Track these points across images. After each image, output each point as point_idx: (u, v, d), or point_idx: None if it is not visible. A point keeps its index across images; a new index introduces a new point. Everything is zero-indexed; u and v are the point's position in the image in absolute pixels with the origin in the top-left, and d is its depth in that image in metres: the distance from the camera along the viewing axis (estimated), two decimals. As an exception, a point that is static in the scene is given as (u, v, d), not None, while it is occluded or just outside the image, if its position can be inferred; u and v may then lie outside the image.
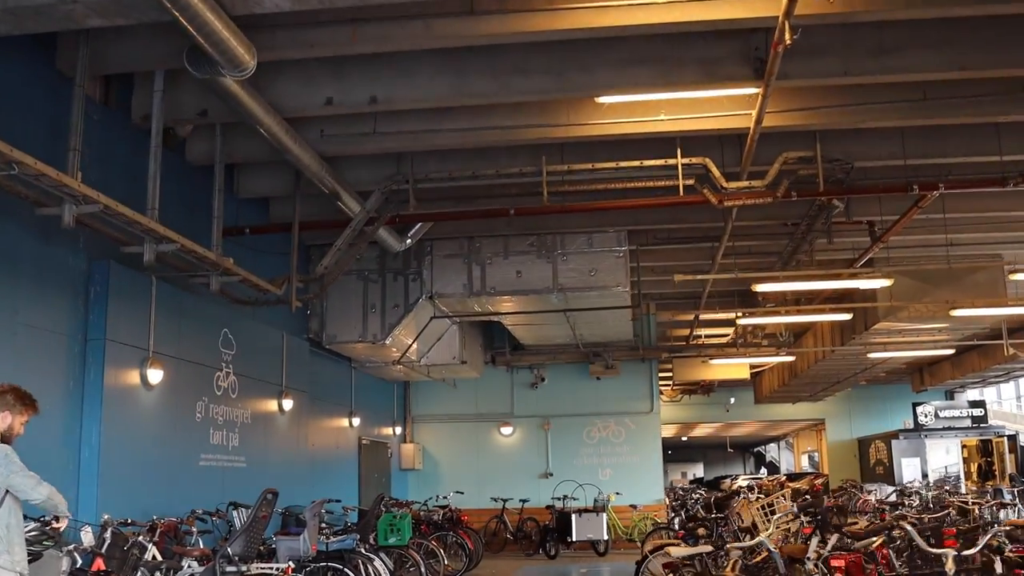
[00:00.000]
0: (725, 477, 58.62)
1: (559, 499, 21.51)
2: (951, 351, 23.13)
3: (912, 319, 18.43)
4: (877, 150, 12.71)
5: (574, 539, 19.88)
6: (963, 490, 33.21)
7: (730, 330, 25.09)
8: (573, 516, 19.85)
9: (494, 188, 13.17)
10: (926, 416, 38.83)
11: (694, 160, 12.07)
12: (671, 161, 12.10)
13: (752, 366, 23.72)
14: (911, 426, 39.01)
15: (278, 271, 13.37)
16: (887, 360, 24.01)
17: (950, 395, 42.49)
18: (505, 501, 22.06)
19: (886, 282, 13.38)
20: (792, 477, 54.56)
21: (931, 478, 37.24)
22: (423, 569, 13.05)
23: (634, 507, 21.57)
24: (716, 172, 12.05)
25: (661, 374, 24.56)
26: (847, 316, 16.99)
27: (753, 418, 46.35)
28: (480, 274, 16.36)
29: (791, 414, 45.38)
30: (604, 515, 20.10)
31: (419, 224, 15.42)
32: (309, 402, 16.30)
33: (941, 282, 17.99)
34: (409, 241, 15.60)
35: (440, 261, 16.56)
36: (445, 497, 21.66)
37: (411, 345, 17.36)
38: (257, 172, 13.76)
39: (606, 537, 20.16)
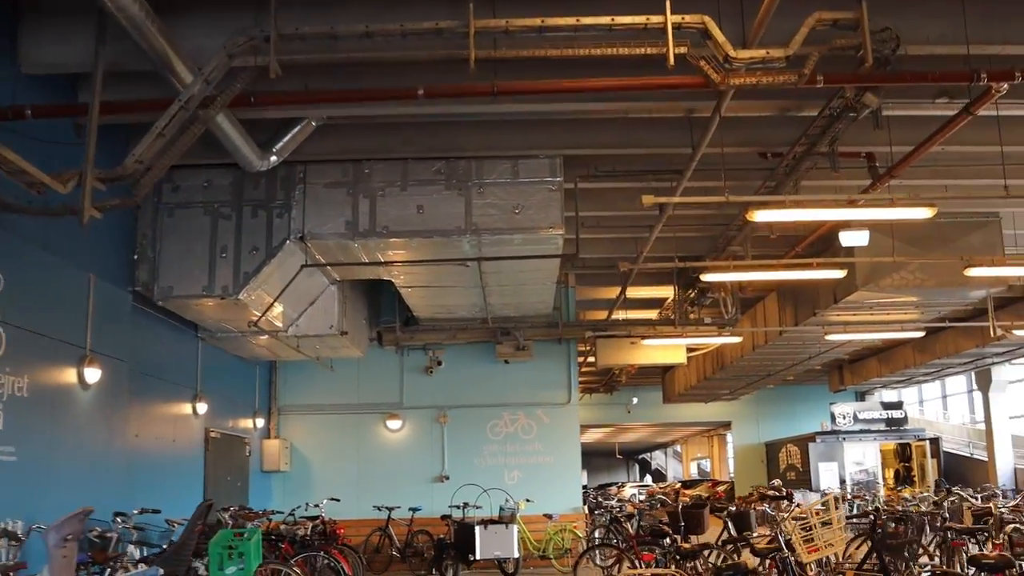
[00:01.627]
0: (611, 484, 55.70)
1: (458, 508, 17.56)
2: (920, 333, 20.10)
3: (898, 288, 15.15)
4: (925, 29, 9.22)
5: (477, 557, 15.91)
6: (881, 496, 30.60)
7: (654, 313, 21.59)
8: (477, 529, 15.89)
9: (396, 60, 9.15)
10: (844, 418, 36.24)
11: (688, 19, 8.32)
12: (655, 19, 8.31)
13: (690, 348, 20.25)
14: (828, 428, 36.41)
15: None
16: (844, 344, 20.86)
17: (861, 396, 40.07)
18: (391, 510, 17.98)
19: (927, 212, 9.86)
20: (687, 484, 51.83)
21: (848, 484, 34.68)
22: (279, 610, 8.93)
23: (549, 517, 17.77)
24: (719, 36, 8.32)
25: (580, 360, 20.86)
26: (839, 273, 13.51)
27: (655, 419, 43.25)
28: (369, 209, 12.32)
29: (697, 416, 42.45)
30: (514, 527, 16.21)
31: (289, 135, 11.35)
32: (131, 377, 11.98)
33: (929, 244, 14.82)
34: (274, 159, 11.46)
35: (316, 191, 12.46)
36: (317, 506, 17.48)
37: (272, 304, 13.13)
38: (51, 34, 9.41)
39: (516, 555, 16.28)
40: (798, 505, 30.79)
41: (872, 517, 10.24)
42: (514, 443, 19.00)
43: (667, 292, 20.60)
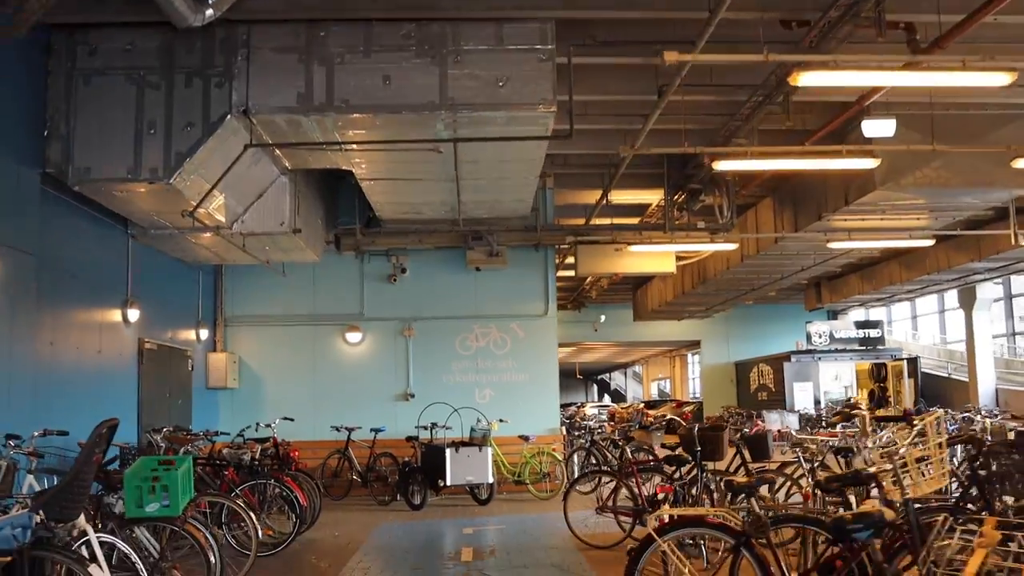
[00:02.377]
0: (570, 404, 54.63)
1: (425, 429, 15.95)
2: (929, 242, 18.55)
3: (919, 187, 13.55)
4: None
5: (447, 482, 14.38)
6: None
7: (636, 221, 19.88)
8: (447, 452, 14.33)
9: None
10: (820, 337, 35.11)
11: None
12: None
13: (680, 256, 18.62)
14: (803, 347, 35.26)
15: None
16: (840, 255, 19.34)
17: (834, 316, 38.89)
18: (351, 431, 16.34)
19: (1004, 77, 8.14)
20: (650, 404, 50.86)
21: (823, 405, 33.68)
22: (215, 553, 7.23)
23: (525, 439, 16.21)
24: None
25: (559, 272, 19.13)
26: (870, 163, 11.80)
27: (623, 338, 41.92)
28: (325, 79, 10.34)
29: (666, 334, 41.18)
30: (488, 450, 14.66)
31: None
32: (42, 275, 10.09)
33: (958, 137, 13.18)
34: (211, 12, 9.41)
35: (262, 57, 10.44)
36: (269, 426, 15.78)
37: (211, 191, 11.19)
38: None
39: (490, 480, 14.76)
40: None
41: (968, 446, 8.74)
42: (486, 359, 17.35)
43: (652, 197, 18.88)
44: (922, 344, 38.12)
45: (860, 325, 35.78)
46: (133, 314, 12.95)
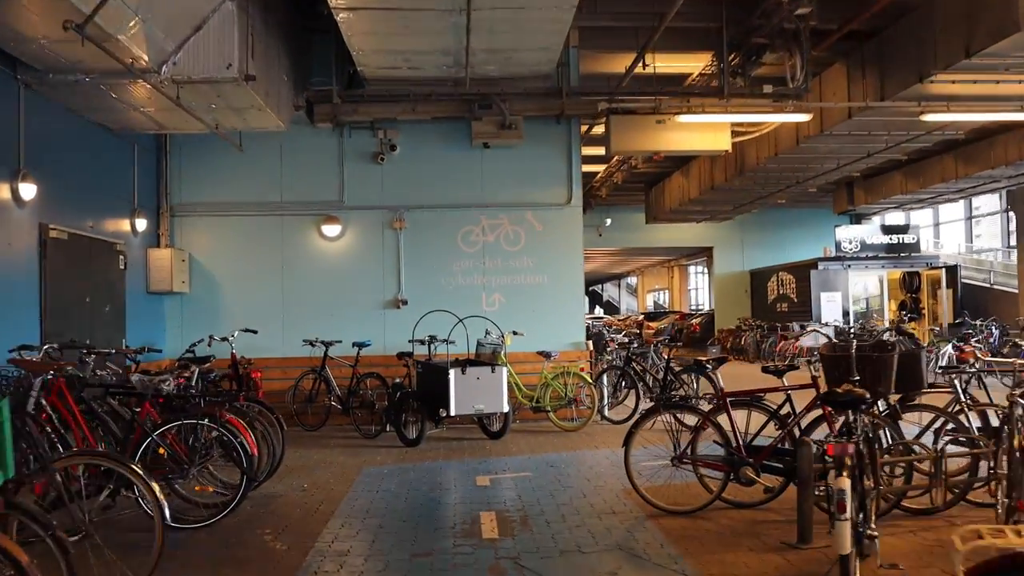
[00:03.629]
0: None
1: (421, 343, 12.76)
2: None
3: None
4: None
5: (451, 412, 11.20)
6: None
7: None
8: (452, 374, 11.13)
9: None
10: (851, 243, 31.92)
11: None
12: None
13: (736, 130, 15.13)
14: (831, 254, 32.09)
15: None
16: (945, 126, 15.91)
17: (856, 220, 35.63)
18: (328, 346, 13.15)
19: None
20: (650, 316, 47.93)
21: (851, 317, 30.68)
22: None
23: (546, 356, 13.02)
24: None
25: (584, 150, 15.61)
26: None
27: (629, 244, 38.61)
28: None
29: (677, 239, 37.87)
30: (503, 371, 11.47)
31: None
32: None
33: None
34: None
35: None
36: (226, 339, 12.61)
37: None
38: None
39: (505, 408, 11.58)
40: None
41: None
42: (496, 257, 14.08)
43: (697, 63, 15.42)
44: (946, 253, 34.97)
45: (888, 230, 32.57)
46: (27, 190, 9.56)
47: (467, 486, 8.94)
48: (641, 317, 46.25)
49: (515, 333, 13.33)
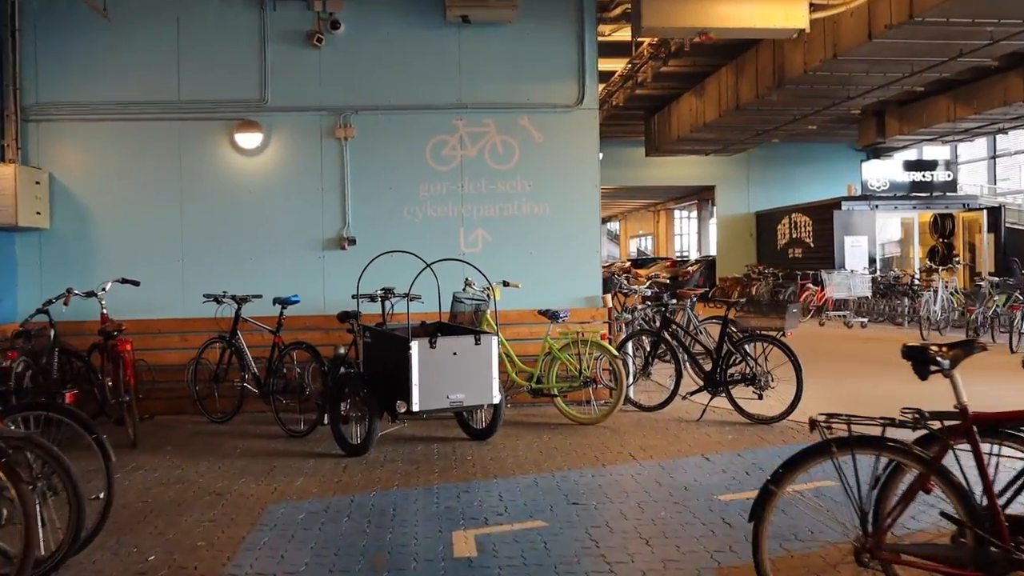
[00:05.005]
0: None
1: (372, 300, 8.86)
2: None
3: None
4: None
5: (414, 407, 7.27)
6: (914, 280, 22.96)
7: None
8: (416, 348, 7.21)
9: None
10: (879, 181, 28.13)
11: None
12: None
13: (816, 2, 11.11)
14: (856, 193, 28.31)
15: None
16: None
17: (873, 155, 31.76)
18: (241, 303, 9.23)
19: None
20: (638, 263, 44.15)
21: (878, 264, 26.98)
22: None
23: (552, 318, 9.10)
24: None
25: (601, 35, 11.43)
26: None
27: (622, 183, 34.54)
28: None
29: (676, 177, 34.05)
30: (492, 342, 7.55)
31: None
32: None
33: None
34: None
35: None
36: (93, 294, 8.75)
37: None
38: None
39: (496, 398, 7.67)
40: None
41: None
42: (479, 178, 10.16)
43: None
44: (966, 193, 31.21)
45: (914, 166, 28.75)
46: None
47: (437, 563, 5.07)
48: (628, 264, 42.46)
49: (506, 284, 9.43)
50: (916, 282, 23.14)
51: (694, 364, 9.54)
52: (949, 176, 27.99)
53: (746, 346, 9.01)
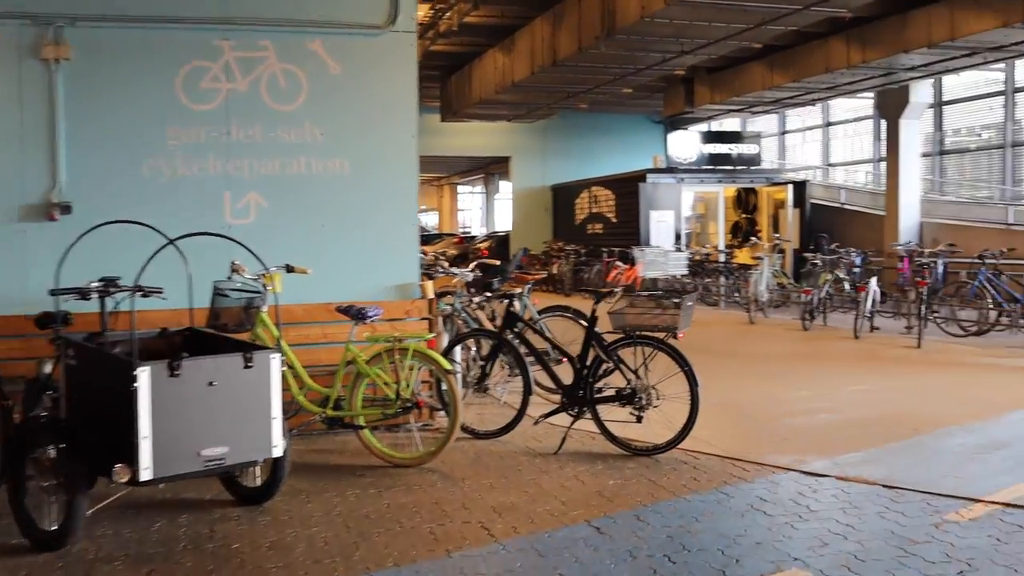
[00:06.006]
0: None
1: (84, 293, 5.88)
2: None
3: None
4: None
5: (141, 474, 4.49)
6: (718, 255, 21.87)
7: None
8: (144, 379, 4.45)
9: None
10: (685, 154, 26.84)
11: None
12: None
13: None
14: (663, 165, 26.91)
15: None
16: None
17: (673, 127, 30.65)
18: None
19: None
20: (422, 240, 41.80)
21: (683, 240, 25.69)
22: None
23: (356, 317, 6.47)
24: None
25: None
26: None
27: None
28: None
29: (472, 147, 31.91)
30: (273, 361, 4.89)
31: None
32: None
33: None
34: None
35: None
36: None
37: None
38: None
39: (277, 449, 4.97)
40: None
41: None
42: (253, 122, 7.34)
43: None
44: (793, 167, 30.70)
45: (712, 138, 27.65)
46: None
47: None
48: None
49: (291, 270, 6.68)
50: (730, 260, 21.95)
51: (549, 375, 7.19)
52: (755, 149, 27.08)
53: (620, 351, 6.72)
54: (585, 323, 8.33)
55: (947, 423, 7.58)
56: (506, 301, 7.45)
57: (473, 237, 40.09)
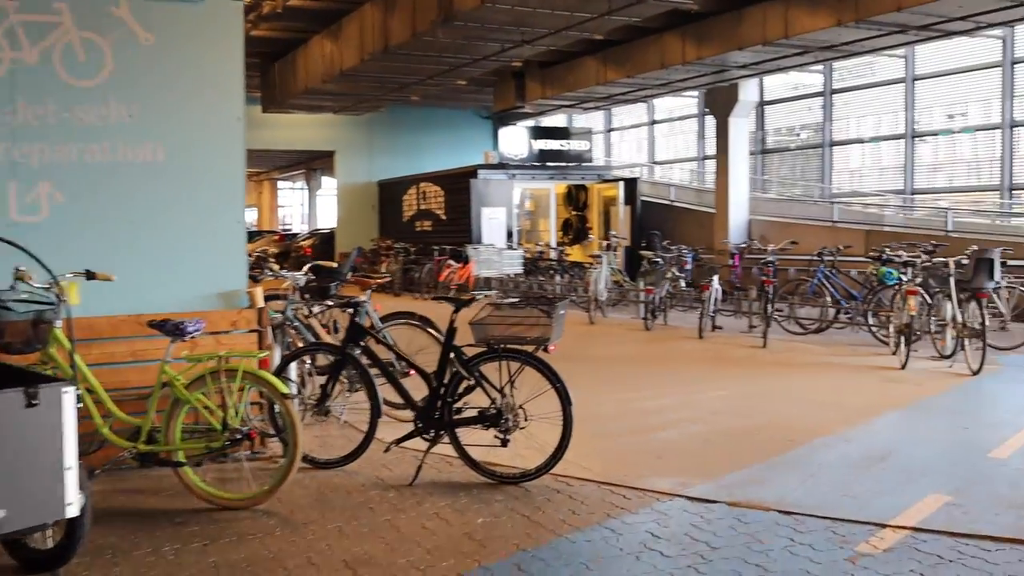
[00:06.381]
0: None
1: None
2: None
3: None
4: None
5: None
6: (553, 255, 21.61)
7: None
8: None
9: None
10: (516, 150, 26.33)
11: None
12: None
13: None
14: (495, 160, 26.35)
15: None
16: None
17: (502, 121, 30.24)
18: None
19: None
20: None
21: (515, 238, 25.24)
22: None
23: (173, 332, 5.43)
24: None
25: None
26: None
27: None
28: None
29: (294, 141, 30.62)
30: (65, 400, 3.86)
31: None
32: None
33: None
34: None
35: None
36: None
37: None
38: None
39: (72, 509, 3.94)
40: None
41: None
42: (43, 98, 6.11)
43: None
44: (622, 163, 30.70)
45: (543, 134, 27.27)
46: None
47: None
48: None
49: (91, 276, 5.56)
50: (564, 258, 21.58)
51: (398, 391, 6.32)
52: (586, 146, 26.87)
53: (483, 367, 5.94)
54: (434, 331, 7.60)
55: (818, 432, 7.19)
56: (350, 310, 6.53)
57: (295, 235, 38.59)
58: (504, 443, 5.85)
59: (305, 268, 8.36)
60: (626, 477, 5.94)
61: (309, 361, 7.33)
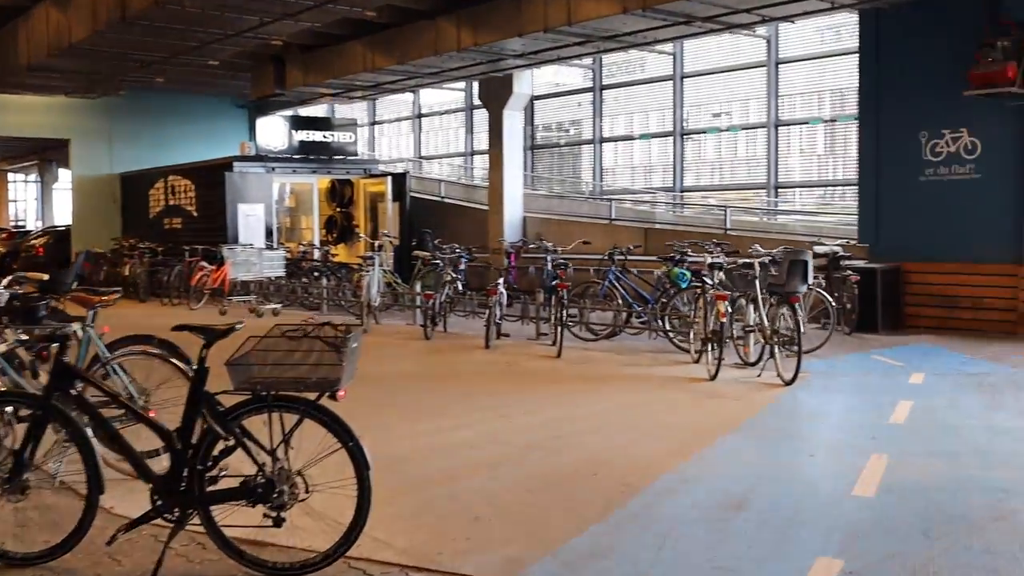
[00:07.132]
0: None
1: None
2: None
3: None
4: None
5: None
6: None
7: None
8: None
9: None
10: (276, 141, 24.33)
11: None
12: None
13: None
14: (251, 151, 24.23)
15: None
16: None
17: (258, 110, 28.10)
18: None
19: None
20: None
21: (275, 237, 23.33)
22: None
23: None
24: None
25: None
26: None
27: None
28: None
29: (20, 127, 27.21)
30: None
31: None
32: None
33: None
34: None
35: None
36: None
37: None
38: None
39: None
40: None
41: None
42: None
43: None
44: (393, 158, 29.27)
45: (304, 124, 25.39)
46: None
47: None
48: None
49: None
50: (330, 258, 19.97)
51: (131, 459, 4.65)
52: (351, 138, 25.23)
53: (246, 421, 4.40)
54: (179, 362, 5.94)
55: (653, 469, 6.12)
56: (55, 345, 4.75)
57: (26, 232, 34.77)
58: (277, 523, 4.33)
59: (6, 280, 6.44)
60: (440, 556, 4.56)
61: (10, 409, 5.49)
